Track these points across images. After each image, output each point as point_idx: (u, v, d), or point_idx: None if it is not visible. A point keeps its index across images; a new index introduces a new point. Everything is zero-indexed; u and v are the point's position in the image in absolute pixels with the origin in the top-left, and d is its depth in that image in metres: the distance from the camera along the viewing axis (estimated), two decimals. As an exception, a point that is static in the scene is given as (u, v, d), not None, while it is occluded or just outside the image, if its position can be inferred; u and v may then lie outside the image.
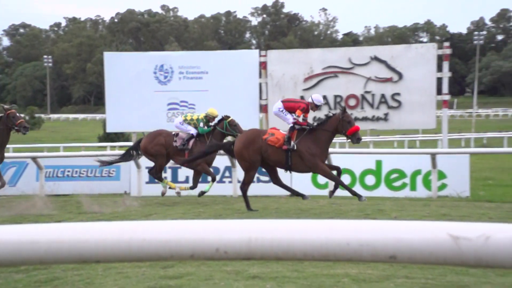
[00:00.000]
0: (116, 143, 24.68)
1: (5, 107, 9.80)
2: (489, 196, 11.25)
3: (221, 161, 12.12)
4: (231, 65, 12.71)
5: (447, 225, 1.51)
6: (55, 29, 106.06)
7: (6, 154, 10.13)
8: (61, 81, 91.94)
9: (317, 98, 8.96)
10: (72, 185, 12.00)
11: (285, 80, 12.56)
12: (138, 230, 1.60)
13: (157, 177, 10.40)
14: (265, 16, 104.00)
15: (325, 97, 12.33)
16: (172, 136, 10.13)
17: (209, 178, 10.20)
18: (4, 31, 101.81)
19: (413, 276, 4.43)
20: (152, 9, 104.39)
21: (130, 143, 15.96)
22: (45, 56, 78.80)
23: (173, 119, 12.79)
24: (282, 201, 10.33)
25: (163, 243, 1.58)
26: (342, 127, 8.38)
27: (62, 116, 68.94)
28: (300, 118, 8.61)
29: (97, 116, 59.76)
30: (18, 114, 9.68)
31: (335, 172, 8.62)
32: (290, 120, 8.69)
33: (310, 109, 8.84)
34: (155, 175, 10.41)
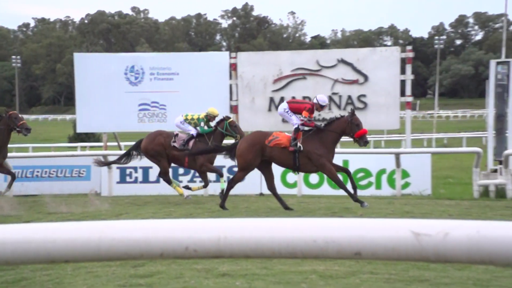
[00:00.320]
0: (86, 143, 24.29)
1: (7, 109, 9.91)
2: (449, 194, 11.51)
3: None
4: (201, 67, 12.65)
5: (409, 222, 1.54)
6: (24, 29, 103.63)
7: None
8: (30, 81, 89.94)
9: (322, 99, 8.88)
10: (41, 185, 11.75)
11: (255, 81, 12.57)
12: (107, 229, 1.57)
13: (165, 180, 10.14)
14: (235, 18, 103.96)
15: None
16: (172, 137, 9.96)
17: (201, 179, 10.09)
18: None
19: (377, 272, 4.49)
20: (122, 10, 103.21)
21: (101, 144, 15.74)
22: (13, 57, 76.96)
23: (144, 119, 12.72)
24: (252, 200, 10.34)
25: (132, 242, 1.56)
26: (351, 129, 8.36)
27: (31, 117, 67.36)
28: (306, 119, 8.56)
29: (67, 116, 58.70)
30: (20, 116, 9.73)
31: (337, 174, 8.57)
32: (294, 121, 8.60)
33: (315, 110, 8.76)
34: (164, 178, 10.16)
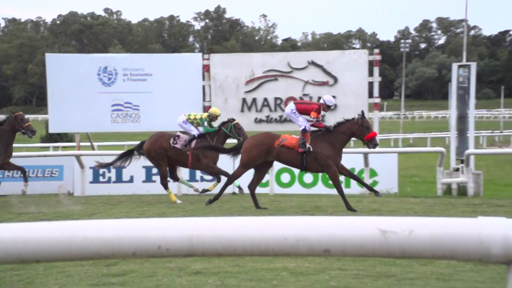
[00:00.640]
0: (59, 143, 23.85)
1: (13, 110, 9.80)
2: (415, 192, 11.71)
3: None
4: (175, 68, 12.56)
5: (376, 220, 1.56)
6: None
7: None
8: (1, 81, 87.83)
9: (329, 99, 8.85)
10: (14, 186, 11.47)
11: (227, 82, 12.55)
12: (79, 229, 1.55)
13: (162, 183, 9.90)
14: (207, 21, 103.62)
15: (265, 99, 12.44)
16: (174, 138, 9.78)
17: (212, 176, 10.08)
18: None
19: (346, 268, 4.54)
20: (95, 12, 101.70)
21: (73, 144, 15.46)
22: (-17, 57, 75.08)
23: (118, 120, 12.55)
24: (224, 199, 10.31)
25: (104, 241, 1.53)
26: (361, 132, 8.33)
27: (2, 117, 65.72)
28: (315, 119, 8.53)
29: (39, 117, 57.47)
30: (25, 117, 9.62)
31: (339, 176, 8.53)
32: (301, 122, 8.57)
33: (322, 110, 8.71)
34: (161, 182, 9.92)
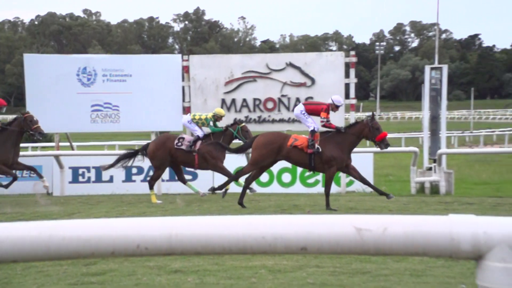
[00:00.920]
0: (38, 143, 23.44)
1: (22, 111, 9.75)
2: (390, 190, 11.79)
3: (145, 161, 11.85)
4: (154, 69, 12.47)
5: (351, 218, 1.57)
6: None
7: None
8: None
9: (337, 99, 8.84)
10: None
11: (207, 83, 12.51)
12: (57, 228, 1.52)
13: (150, 183, 9.84)
14: (187, 22, 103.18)
15: (244, 100, 12.44)
16: (179, 139, 9.71)
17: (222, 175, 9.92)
18: None
19: (323, 265, 4.57)
20: (74, 12, 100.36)
21: (52, 144, 15.22)
22: (-40, 57, 73.53)
23: (97, 120, 12.40)
24: (204, 198, 10.28)
25: (83, 241, 1.51)
26: (372, 133, 8.33)
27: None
28: (326, 120, 8.52)
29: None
30: (35, 119, 9.51)
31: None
32: (310, 123, 8.56)
33: (331, 110, 8.68)
34: (150, 181, 9.89)
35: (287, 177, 11.74)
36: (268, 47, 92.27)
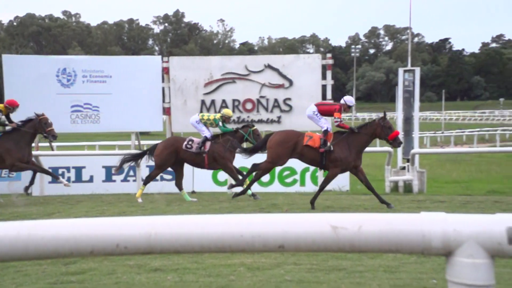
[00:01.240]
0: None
1: (37, 113, 9.68)
2: (365, 189, 11.88)
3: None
4: (134, 70, 12.37)
5: (327, 217, 1.57)
6: None
7: None
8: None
9: (349, 99, 8.79)
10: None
11: (187, 84, 12.45)
12: (36, 228, 1.50)
13: (146, 180, 9.80)
14: (166, 24, 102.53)
15: (224, 101, 12.41)
16: (188, 142, 9.67)
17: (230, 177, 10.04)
18: None
19: (300, 263, 4.58)
20: (53, 14, 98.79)
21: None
22: None
23: (77, 120, 12.23)
24: (184, 197, 10.22)
25: (62, 240, 1.49)
26: (384, 133, 8.31)
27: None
28: (340, 120, 8.47)
29: (-3, 117, 55.26)
30: (49, 121, 9.47)
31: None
32: (323, 123, 8.52)
33: (343, 110, 8.64)
34: (146, 178, 9.83)
35: (265, 176, 11.74)
36: (247, 49, 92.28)
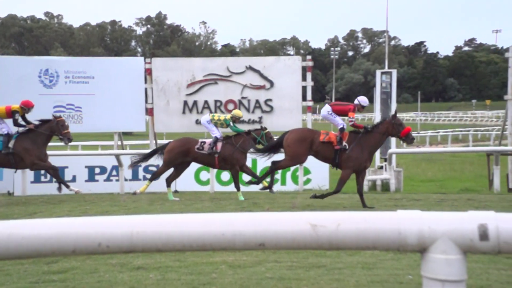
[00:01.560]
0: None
1: (55, 115, 9.73)
2: (344, 188, 11.96)
3: (108, 161, 11.63)
4: (117, 71, 12.27)
5: (307, 215, 1.58)
6: None
7: None
8: None
9: (363, 100, 8.74)
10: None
11: (169, 85, 12.39)
12: (17, 227, 1.47)
13: (153, 176, 9.84)
14: (149, 26, 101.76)
15: (206, 102, 12.37)
16: (200, 144, 9.63)
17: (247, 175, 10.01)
18: None
19: (281, 260, 4.59)
20: (35, 15, 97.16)
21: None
22: None
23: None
24: (167, 197, 10.16)
25: (43, 239, 1.47)
26: (396, 130, 8.27)
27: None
28: (354, 119, 8.44)
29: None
30: (66, 124, 9.57)
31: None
32: (339, 122, 8.47)
33: (357, 110, 8.60)
34: (153, 175, 9.87)
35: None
36: (229, 51, 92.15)
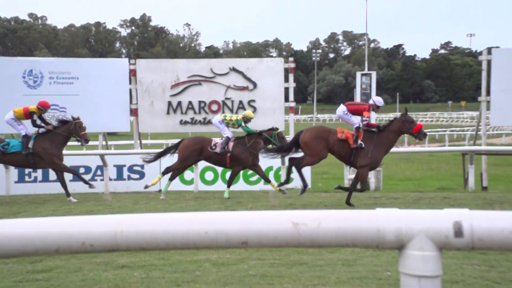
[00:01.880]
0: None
1: (74, 116, 9.64)
2: (325, 187, 12.10)
3: (93, 161, 11.50)
4: (102, 72, 12.16)
5: (289, 214, 1.58)
6: None
7: None
8: None
9: (378, 100, 8.71)
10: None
11: (153, 86, 12.31)
12: (0, 227, 1.44)
13: (166, 170, 9.73)
14: (133, 28, 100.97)
15: (190, 102, 12.32)
16: (214, 144, 9.60)
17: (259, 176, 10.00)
18: None
19: (263, 258, 4.60)
20: (19, 16, 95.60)
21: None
22: None
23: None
24: (151, 196, 10.10)
25: (27, 239, 1.45)
26: (408, 127, 8.23)
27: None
28: (368, 119, 8.39)
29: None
30: (83, 125, 9.51)
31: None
32: (354, 121, 8.41)
33: (372, 110, 8.55)
34: (167, 169, 9.75)
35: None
36: (213, 52, 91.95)
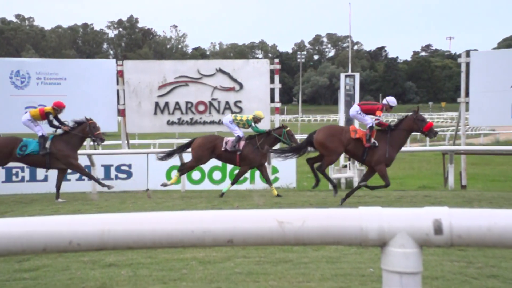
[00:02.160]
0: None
1: (87, 117, 9.69)
2: (310, 186, 12.07)
3: (81, 160, 11.37)
4: (89, 73, 12.06)
5: (274, 212, 1.58)
6: None
7: None
8: None
9: (392, 100, 8.65)
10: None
11: (141, 87, 12.25)
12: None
13: (181, 169, 9.82)
14: (121, 29, 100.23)
15: (177, 103, 12.27)
16: (226, 142, 9.60)
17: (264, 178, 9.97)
18: None
19: (249, 256, 4.60)
20: (6, 17, 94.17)
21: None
22: None
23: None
24: (138, 195, 10.04)
25: (13, 238, 1.43)
26: (419, 125, 8.21)
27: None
28: (381, 118, 8.37)
29: None
30: (97, 125, 9.59)
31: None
32: (368, 120, 8.39)
33: (385, 110, 8.52)
34: (182, 167, 9.82)
35: (217, 174, 11.72)
36: (199, 54, 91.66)
